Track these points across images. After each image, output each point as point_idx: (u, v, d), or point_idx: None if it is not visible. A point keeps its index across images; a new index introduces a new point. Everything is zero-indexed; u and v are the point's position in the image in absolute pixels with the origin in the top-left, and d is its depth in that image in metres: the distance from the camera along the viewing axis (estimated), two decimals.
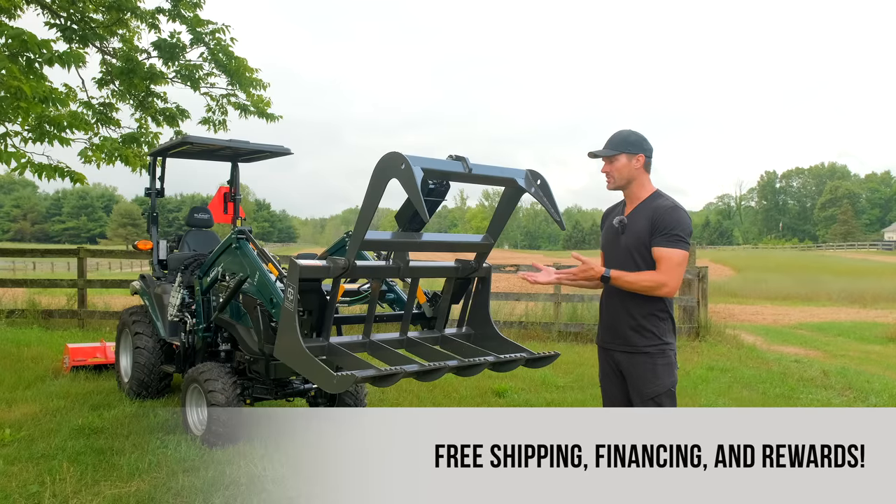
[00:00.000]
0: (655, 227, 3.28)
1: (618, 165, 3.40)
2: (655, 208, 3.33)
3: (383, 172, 3.27)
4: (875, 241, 77.57)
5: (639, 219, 3.36)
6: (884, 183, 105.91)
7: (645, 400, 3.33)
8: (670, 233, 3.25)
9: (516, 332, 10.22)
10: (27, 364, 7.39)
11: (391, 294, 4.89)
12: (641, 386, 3.34)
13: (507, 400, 6.50)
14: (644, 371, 3.34)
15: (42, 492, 3.83)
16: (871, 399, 7.06)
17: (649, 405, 3.32)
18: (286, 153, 6.38)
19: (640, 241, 3.33)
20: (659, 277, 3.25)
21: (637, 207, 3.42)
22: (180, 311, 5.53)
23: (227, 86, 10.24)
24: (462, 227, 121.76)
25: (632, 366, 3.38)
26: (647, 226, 3.30)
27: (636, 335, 3.35)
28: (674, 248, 3.25)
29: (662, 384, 3.32)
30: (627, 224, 3.39)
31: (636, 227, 3.36)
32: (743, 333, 11.55)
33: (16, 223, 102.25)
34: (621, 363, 3.43)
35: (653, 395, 3.32)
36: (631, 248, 3.35)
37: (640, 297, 3.32)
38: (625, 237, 3.39)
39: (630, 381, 3.41)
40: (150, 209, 6.65)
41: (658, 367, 3.32)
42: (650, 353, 3.33)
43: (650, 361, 3.33)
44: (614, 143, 3.42)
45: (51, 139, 7.56)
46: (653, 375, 3.32)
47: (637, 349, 3.36)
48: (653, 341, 3.34)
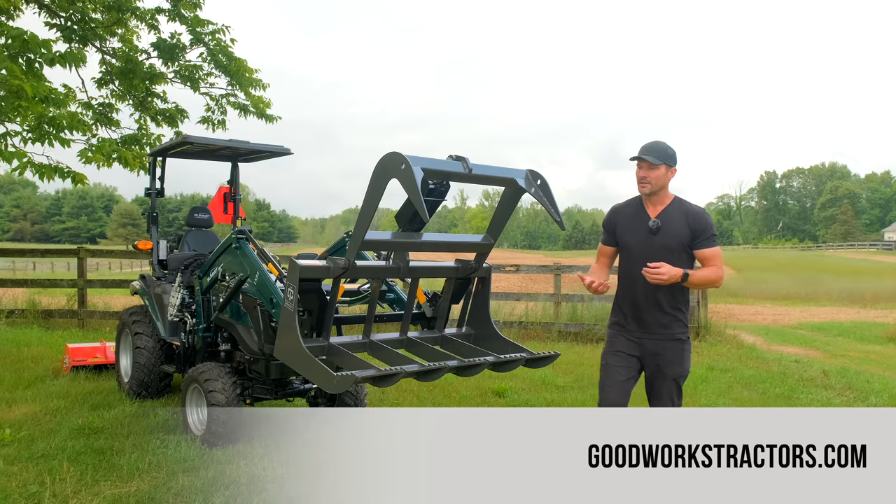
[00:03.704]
0: (695, 232, 3.72)
1: (658, 174, 3.73)
2: (688, 213, 3.75)
3: (383, 172, 3.27)
4: (875, 241, 77.59)
5: (672, 223, 3.75)
6: (884, 183, 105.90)
7: (669, 380, 3.76)
8: (709, 234, 3.74)
9: (516, 332, 10.21)
10: (27, 364, 7.40)
11: (391, 294, 4.89)
12: (668, 368, 3.75)
13: (507, 400, 6.50)
14: (675, 355, 3.76)
15: (42, 492, 3.83)
16: (871, 399, 7.06)
17: (671, 385, 3.76)
18: (286, 153, 6.38)
19: (681, 243, 3.73)
20: (719, 272, 3.76)
21: (664, 211, 3.78)
22: (180, 311, 5.53)
23: (227, 86, 10.25)
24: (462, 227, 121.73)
25: (664, 350, 3.76)
26: (685, 230, 3.72)
27: (672, 324, 3.76)
28: (715, 247, 3.77)
29: (686, 367, 3.81)
30: (662, 227, 3.75)
31: (672, 230, 3.74)
32: (743, 333, 11.55)
33: (16, 223, 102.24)
34: (651, 349, 3.78)
35: (677, 375, 3.77)
36: (671, 248, 3.71)
37: (674, 289, 3.72)
38: (660, 237, 3.74)
39: (659, 363, 3.77)
40: (150, 209, 6.64)
41: (685, 352, 3.80)
42: (682, 339, 3.79)
43: (681, 347, 3.78)
44: (657, 152, 3.75)
45: (51, 140, 7.56)
46: (681, 359, 3.78)
47: (672, 336, 3.76)
48: (683, 329, 3.80)
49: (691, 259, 3.78)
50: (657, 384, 3.81)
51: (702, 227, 3.71)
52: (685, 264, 3.71)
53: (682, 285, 3.68)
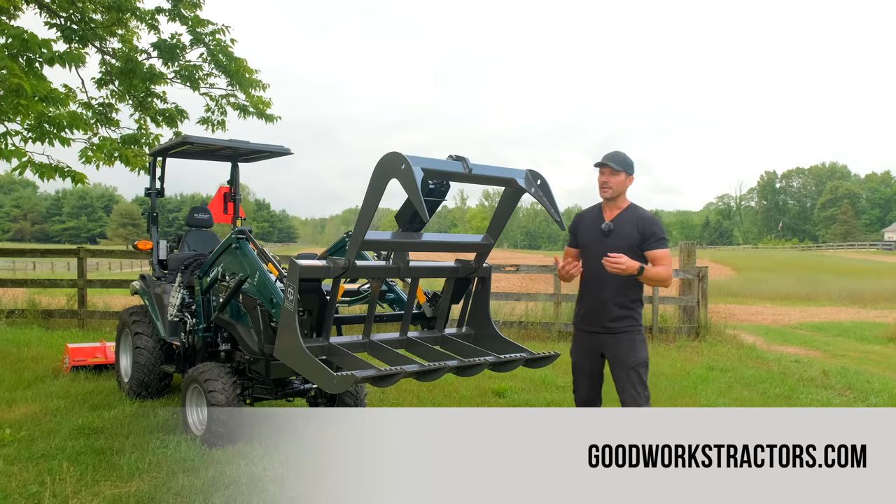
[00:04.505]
0: (644, 235, 4.05)
1: (618, 179, 4.10)
2: (639, 219, 4.10)
3: (383, 172, 3.27)
4: (875, 241, 77.59)
5: (624, 226, 4.10)
6: (884, 183, 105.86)
7: (628, 369, 4.04)
8: (658, 237, 4.06)
9: (516, 332, 10.22)
10: (27, 364, 7.40)
11: (391, 294, 4.89)
12: (627, 358, 4.06)
13: (507, 400, 6.50)
14: (629, 346, 4.08)
15: (42, 492, 3.83)
16: (871, 399, 7.06)
17: (631, 374, 4.03)
18: (286, 153, 6.38)
19: (630, 245, 4.05)
20: (668, 272, 4.08)
21: (619, 216, 4.14)
22: (180, 311, 5.52)
23: (227, 86, 10.25)
24: (462, 227, 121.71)
25: (617, 342, 4.08)
26: (635, 234, 4.06)
27: (624, 319, 4.09)
28: (664, 249, 4.10)
29: (642, 356, 4.09)
30: (614, 229, 4.10)
31: (624, 232, 4.08)
32: (743, 333, 11.55)
33: (16, 223, 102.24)
34: (606, 343, 4.11)
35: (635, 364, 4.05)
36: (622, 249, 3.99)
37: (626, 287, 4.07)
38: (612, 239, 4.08)
39: (614, 355, 4.09)
40: (150, 209, 6.64)
41: (638, 342, 4.10)
42: (634, 331, 4.11)
43: (633, 338, 4.09)
44: (619, 161, 4.11)
45: (51, 139, 7.56)
46: (635, 349, 4.08)
47: (624, 329, 4.08)
48: (635, 324, 4.12)
49: (642, 261, 4.05)
50: (620, 375, 4.08)
51: (651, 231, 4.05)
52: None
53: (637, 279, 4.00)
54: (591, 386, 4.23)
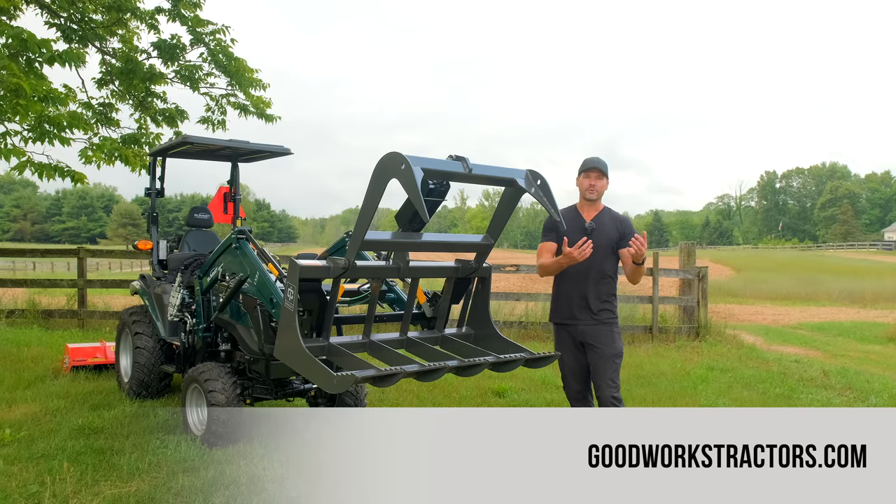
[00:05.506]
0: (623, 234, 4.48)
1: (603, 184, 4.54)
2: (616, 219, 4.56)
3: (383, 172, 3.27)
4: (875, 241, 77.58)
5: (604, 226, 4.51)
6: (884, 183, 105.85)
7: (606, 359, 4.39)
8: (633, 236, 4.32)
9: (516, 332, 10.22)
10: (27, 364, 7.39)
11: (391, 294, 4.89)
12: (604, 348, 4.41)
13: (507, 400, 6.50)
14: (606, 337, 4.44)
15: (42, 492, 3.83)
16: (871, 399, 7.06)
17: (610, 364, 4.38)
18: (286, 153, 6.38)
19: (610, 243, 4.49)
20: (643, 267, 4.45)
21: (598, 216, 4.54)
22: (180, 311, 5.52)
23: (227, 86, 10.25)
24: (462, 227, 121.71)
25: (597, 332, 4.44)
26: (615, 232, 4.50)
27: (601, 312, 4.46)
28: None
29: (619, 347, 4.47)
30: (596, 228, 4.47)
31: (605, 231, 4.49)
32: (743, 333, 11.55)
33: (16, 223, 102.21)
34: (586, 333, 4.46)
35: (612, 354, 4.41)
36: (603, 246, 4.44)
37: (605, 283, 4.49)
38: (595, 237, 4.35)
39: (594, 344, 4.43)
40: (150, 209, 6.64)
41: (615, 333, 4.49)
42: (610, 323, 4.48)
43: (610, 329, 4.47)
44: (604, 166, 4.54)
45: (51, 139, 7.56)
46: (612, 340, 4.45)
47: (601, 321, 4.45)
48: (612, 316, 4.50)
49: (617, 258, 4.53)
50: (598, 365, 4.41)
51: (629, 230, 4.47)
52: (613, 261, 4.53)
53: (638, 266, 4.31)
54: (579, 377, 4.55)
